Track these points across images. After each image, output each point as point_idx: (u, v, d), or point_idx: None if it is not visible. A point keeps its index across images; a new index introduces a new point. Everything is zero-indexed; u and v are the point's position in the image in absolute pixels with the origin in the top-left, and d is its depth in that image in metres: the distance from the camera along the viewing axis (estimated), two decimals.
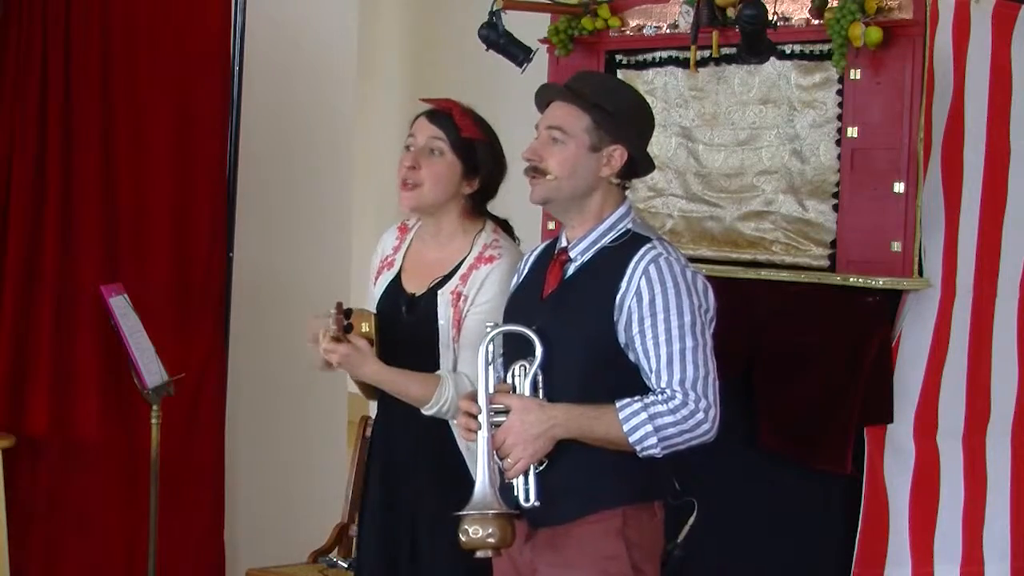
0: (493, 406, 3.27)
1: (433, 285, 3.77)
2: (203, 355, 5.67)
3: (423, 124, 3.80)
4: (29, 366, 5.32)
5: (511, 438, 3.25)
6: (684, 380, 3.22)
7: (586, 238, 3.38)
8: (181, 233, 5.66)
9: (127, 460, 5.46)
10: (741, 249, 4.60)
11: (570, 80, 3.53)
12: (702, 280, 3.34)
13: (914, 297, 4.28)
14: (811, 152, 4.48)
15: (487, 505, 3.22)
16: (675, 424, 3.21)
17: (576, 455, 3.27)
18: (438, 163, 3.76)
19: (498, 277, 3.72)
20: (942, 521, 4.42)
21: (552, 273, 3.41)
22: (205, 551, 5.74)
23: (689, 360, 3.23)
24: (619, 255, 3.33)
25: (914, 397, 4.34)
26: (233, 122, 5.78)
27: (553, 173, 3.35)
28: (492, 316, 3.66)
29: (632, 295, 3.27)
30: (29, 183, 5.31)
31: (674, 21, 4.78)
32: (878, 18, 4.20)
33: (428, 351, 3.73)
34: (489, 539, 3.20)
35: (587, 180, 3.36)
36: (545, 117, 3.42)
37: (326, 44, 6.43)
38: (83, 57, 5.39)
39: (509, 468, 3.27)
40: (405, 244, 3.92)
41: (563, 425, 3.25)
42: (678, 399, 3.22)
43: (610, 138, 3.36)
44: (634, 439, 3.21)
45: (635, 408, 3.22)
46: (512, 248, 3.81)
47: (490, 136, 3.86)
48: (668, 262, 3.29)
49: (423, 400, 3.68)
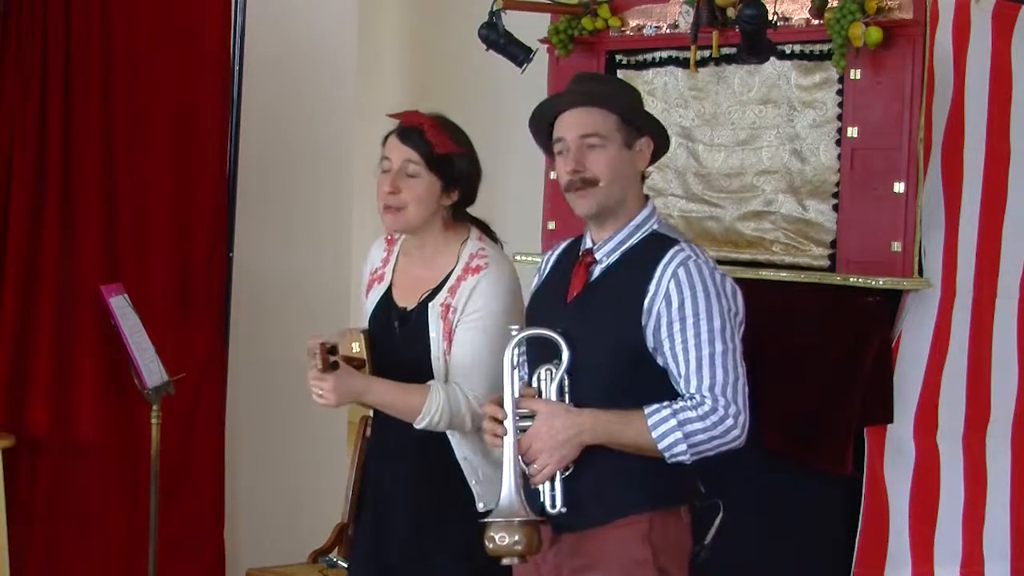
0: (519, 411, 3.24)
1: (423, 299, 3.76)
2: (203, 355, 5.68)
3: (395, 145, 3.75)
4: (29, 366, 5.33)
5: (537, 444, 3.22)
6: (714, 385, 3.19)
7: (612, 239, 3.35)
8: (181, 233, 5.67)
9: (127, 460, 5.46)
10: (741, 249, 4.59)
11: (575, 84, 3.49)
12: (731, 283, 3.30)
13: (914, 297, 4.28)
14: (811, 152, 4.48)
15: (513, 512, 3.20)
16: (704, 430, 3.19)
17: (602, 460, 3.24)
18: (417, 185, 3.72)
19: (486, 286, 3.70)
20: (942, 521, 4.42)
21: (577, 275, 3.37)
22: (205, 551, 5.74)
23: (719, 365, 3.21)
24: (646, 257, 3.29)
25: (914, 397, 4.34)
26: (233, 122, 5.79)
27: (603, 179, 3.31)
28: (482, 325, 3.66)
29: (661, 299, 3.23)
30: (29, 183, 5.31)
31: (674, 21, 4.77)
32: (878, 18, 4.20)
33: (420, 365, 3.72)
34: (516, 546, 3.18)
35: (630, 178, 3.35)
36: (570, 127, 3.35)
37: (326, 44, 6.43)
38: (83, 57, 5.39)
39: (535, 474, 3.24)
40: (393, 257, 3.90)
41: (590, 431, 3.21)
42: (707, 405, 3.19)
43: (636, 132, 3.35)
44: (663, 446, 3.18)
45: (664, 414, 3.19)
46: (498, 254, 3.79)
47: (464, 144, 3.80)
48: (697, 265, 3.26)
49: (415, 412, 3.67)
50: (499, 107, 6.19)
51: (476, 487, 3.73)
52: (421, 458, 3.76)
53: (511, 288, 3.76)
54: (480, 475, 3.73)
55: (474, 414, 3.66)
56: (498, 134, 4.84)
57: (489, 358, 3.66)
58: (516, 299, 3.77)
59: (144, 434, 5.21)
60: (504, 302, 3.72)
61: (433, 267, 3.78)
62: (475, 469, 3.73)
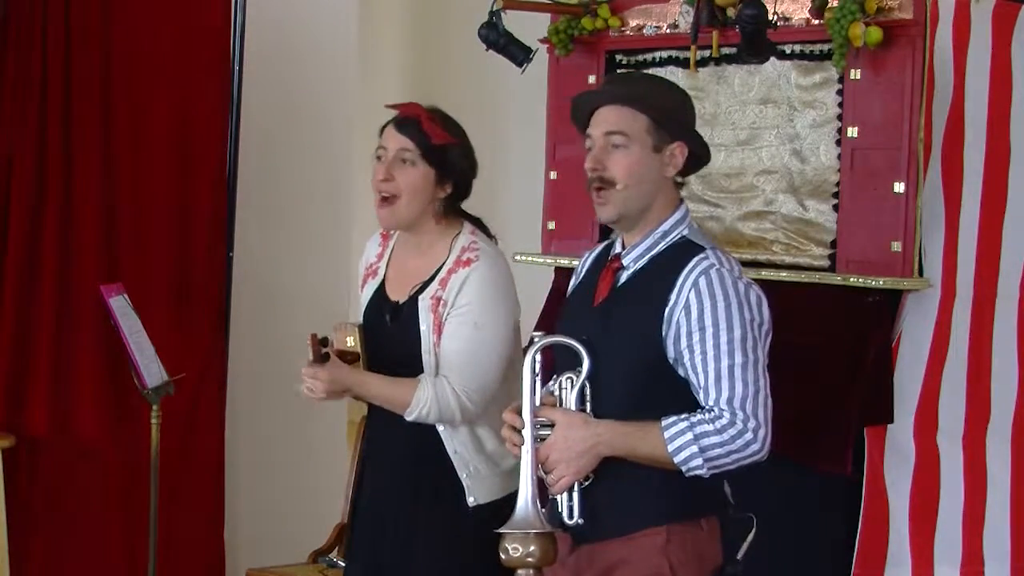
0: (538, 420, 3.19)
1: (414, 292, 3.77)
2: (203, 355, 5.68)
3: (392, 134, 3.77)
4: (29, 366, 5.33)
5: (555, 454, 3.16)
6: (732, 398, 3.11)
7: (640, 244, 3.27)
8: (181, 233, 5.67)
9: (127, 460, 5.46)
10: (741, 249, 4.59)
11: (609, 83, 3.45)
12: (756, 292, 3.20)
13: (914, 297, 4.28)
14: (811, 152, 4.48)
15: (529, 524, 3.14)
16: (722, 444, 3.11)
17: (620, 471, 3.18)
18: (411, 173, 3.73)
19: (477, 279, 3.70)
20: (942, 521, 4.42)
21: (604, 280, 3.31)
22: (205, 551, 5.74)
23: (738, 377, 3.12)
24: (671, 265, 3.21)
25: (914, 397, 4.34)
26: (233, 122, 5.78)
27: (621, 182, 3.22)
28: (472, 319, 3.66)
29: (681, 308, 3.15)
30: (29, 183, 5.31)
31: (674, 21, 4.77)
32: (878, 18, 4.20)
33: (412, 358, 3.73)
34: (529, 559, 3.13)
35: (654, 183, 3.25)
36: (599, 124, 3.27)
37: (326, 44, 6.43)
38: (83, 57, 5.39)
39: (552, 484, 3.20)
40: (388, 252, 3.91)
41: (608, 443, 3.15)
42: (725, 418, 3.11)
43: (669, 136, 3.25)
44: (679, 459, 3.11)
45: (681, 427, 3.11)
46: (491, 249, 3.79)
47: (459, 137, 3.81)
48: (720, 274, 3.16)
49: (405, 405, 3.68)
50: (499, 107, 6.19)
51: (467, 480, 3.74)
52: (413, 450, 3.77)
53: (503, 283, 3.75)
54: (471, 468, 3.74)
55: (463, 408, 3.66)
56: (498, 134, 4.85)
57: (479, 352, 3.67)
58: (508, 294, 3.76)
59: (144, 434, 5.21)
60: (495, 296, 3.71)
61: (425, 260, 3.79)
62: (466, 463, 3.74)
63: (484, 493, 3.72)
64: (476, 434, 3.74)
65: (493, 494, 3.72)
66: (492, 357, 3.67)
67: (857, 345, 4.26)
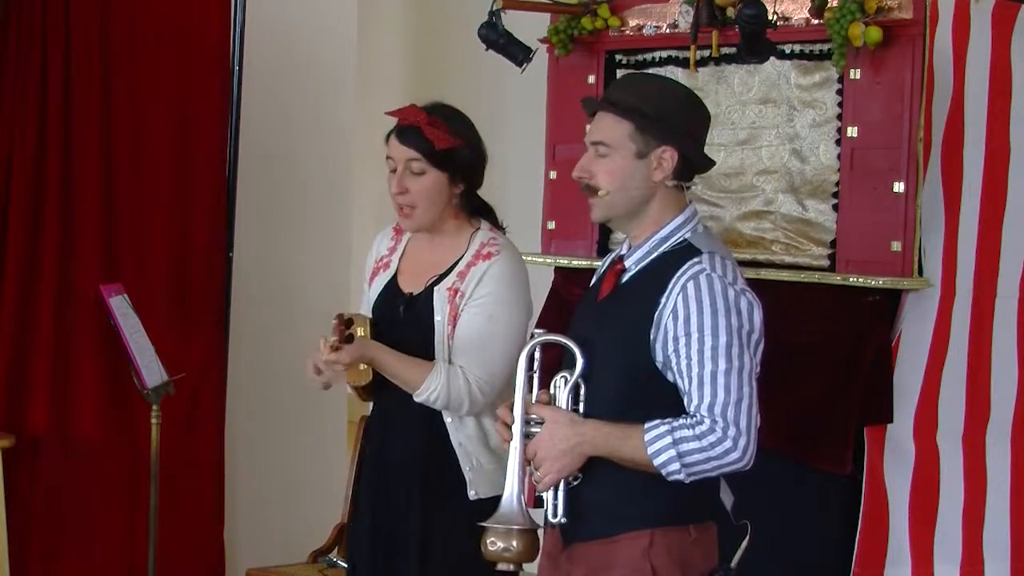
0: (529, 417, 3.19)
1: (430, 283, 3.78)
2: (203, 355, 5.67)
3: (396, 145, 3.78)
4: (29, 366, 5.32)
5: (541, 452, 3.17)
6: (714, 405, 3.09)
7: (640, 248, 3.27)
8: (181, 233, 5.66)
9: (127, 460, 5.46)
10: (741, 249, 4.60)
11: (611, 87, 3.43)
12: (747, 299, 3.17)
13: (914, 297, 4.28)
14: (811, 152, 4.48)
15: (511, 519, 3.16)
16: (700, 451, 3.09)
17: (607, 473, 3.18)
18: (422, 182, 3.75)
19: (497, 271, 3.73)
20: (942, 521, 4.42)
21: (608, 280, 3.32)
22: (205, 551, 5.73)
23: (720, 384, 3.10)
24: (667, 268, 3.20)
25: (914, 397, 4.35)
26: (233, 122, 5.78)
27: (604, 188, 3.23)
28: (489, 311, 3.68)
29: (669, 312, 3.14)
30: (29, 183, 5.31)
31: (674, 21, 4.78)
32: (878, 18, 4.20)
33: (425, 348, 3.74)
34: (505, 553, 3.15)
35: (641, 189, 3.23)
36: (589, 131, 3.30)
37: (326, 44, 6.43)
38: (83, 57, 5.39)
39: (538, 481, 3.20)
40: (401, 246, 3.93)
41: (591, 442, 3.15)
42: (706, 425, 3.09)
43: (656, 141, 3.22)
44: (658, 463, 3.10)
45: (661, 431, 3.10)
46: (509, 244, 3.81)
47: (464, 134, 3.81)
48: (709, 279, 3.14)
49: (416, 385, 3.69)
50: (499, 107, 6.19)
51: (469, 473, 3.74)
52: (419, 441, 3.77)
53: (520, 280, 3.78)
54: (475, 462, 3.75)
55: (473, 398, 3.69)
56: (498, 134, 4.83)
57: (491, 344, 3.69)
58: (524, 291, 3.79)
59: (144, 434, 5.21)
60: (513, 291, 3.75)
61: (442, 253, 3.81)
62: (470, 455, 3.75)
63: (486, 487, 3.72)
64: (483, 427, 3.76)
65: (495, 488, 3.71)
66: (503, 350, 3.69)
67: (857, 345, 4.26)
